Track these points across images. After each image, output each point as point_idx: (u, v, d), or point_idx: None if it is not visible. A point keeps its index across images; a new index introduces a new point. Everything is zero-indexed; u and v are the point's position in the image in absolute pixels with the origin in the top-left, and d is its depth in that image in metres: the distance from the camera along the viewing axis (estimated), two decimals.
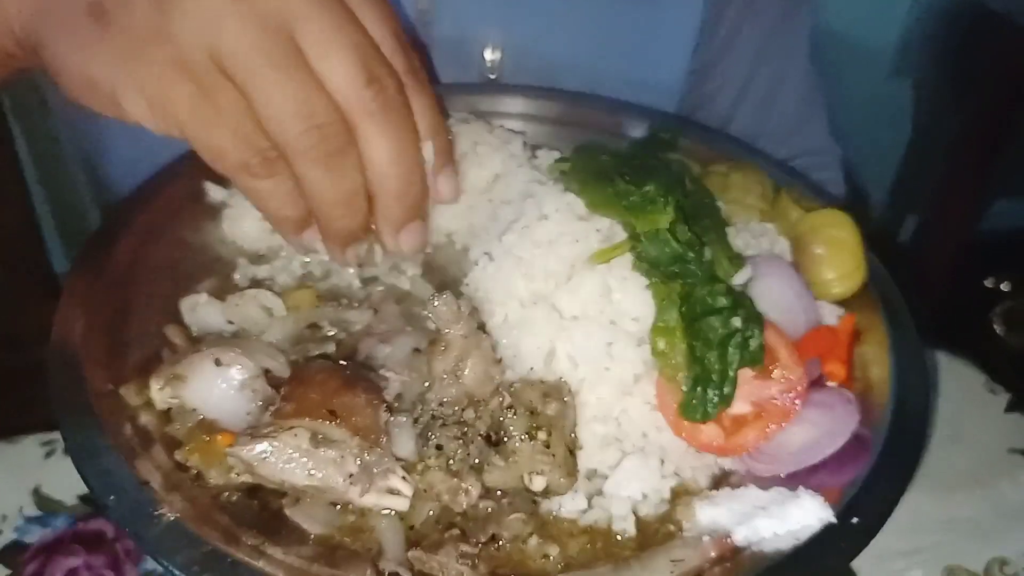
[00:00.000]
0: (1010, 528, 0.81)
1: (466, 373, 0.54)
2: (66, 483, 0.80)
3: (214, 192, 0.71)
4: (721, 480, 0.57)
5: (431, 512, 0.51)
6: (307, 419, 0.49)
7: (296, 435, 0.49)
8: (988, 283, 2.74)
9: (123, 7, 0.50)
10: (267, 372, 0.55)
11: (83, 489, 0.81)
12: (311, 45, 0.49)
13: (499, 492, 0.53)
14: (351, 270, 0.65)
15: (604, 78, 0.84)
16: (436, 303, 0.54)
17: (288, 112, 0.49)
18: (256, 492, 0.52)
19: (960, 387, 1.02)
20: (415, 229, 0.57)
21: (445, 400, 0.53)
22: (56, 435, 0.84)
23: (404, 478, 0.51)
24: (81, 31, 0.50)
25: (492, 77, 0.88)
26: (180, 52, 0.49)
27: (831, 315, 0.63)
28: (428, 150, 0.56)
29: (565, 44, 0.89)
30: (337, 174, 0.52)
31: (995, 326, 2.70)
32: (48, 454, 0.83)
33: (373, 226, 0.57)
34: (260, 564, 0.45)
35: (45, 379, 0.54)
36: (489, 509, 0.52)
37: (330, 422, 0.49)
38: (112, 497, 0.47)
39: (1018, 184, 3.06)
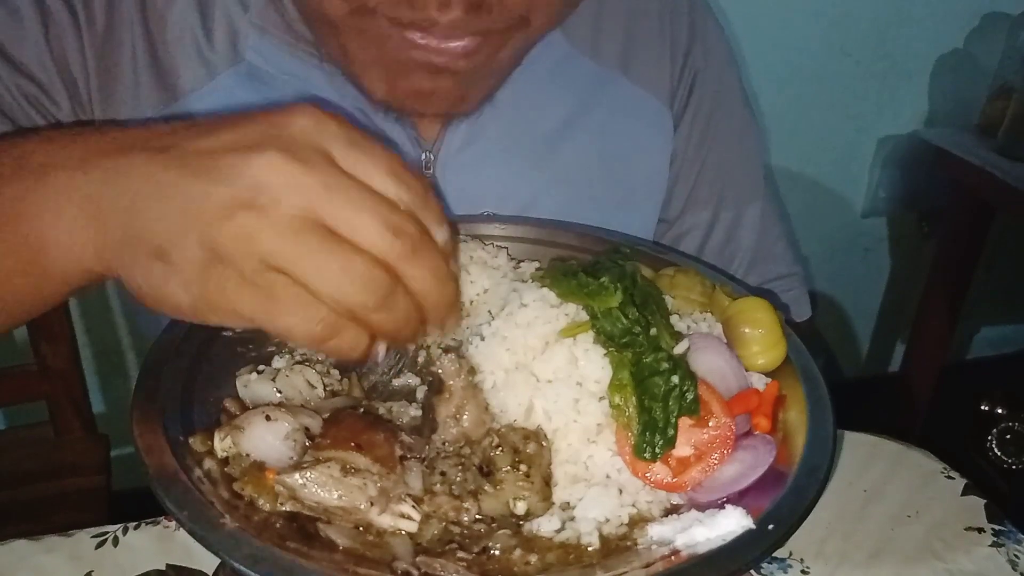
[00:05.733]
0: None
1: (465, 418, 0.68)
2: (115, 570, 0.91)
3: None
4: (671, 512, 0.69)
5: (435, 532, 0.64)
6: (338, 450, 0.63)
7: (329, 467, 0.63)
8: (984, 406, 2.83)
9: (178, 248, 0.59)
10: (306, 429, 0.69)
11: (131, 572, 0.92)
12: (339, 223, 0.58)
13: (490, 518, 0.66)
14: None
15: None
16: (444, 359, 0.70)
17: (337, 282, 0.58)
18: (295, 518, 0.65)
19: (918, 474, 1.12)
20: (455, 317, 0.68)
21: (447, 440, 0.67)
22: (106, 528, 0.97)
23: (413, 506, 0.65)
24: (152, 269, 0.60)
25: None
26: (235, 268, 0.58)
27: (759, 382, 0.77)
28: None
29: (553, 206, 1.06)
30: (392, 309, 0.61)
31: (994, 447, 2.77)
32: (99, 545, 0.95)
33: None
34: (303, 562, 0.58)
35: (82, 506, 0.66)
36: (481, 530, 0.65)
37: (356, 452, 0.63)
38: (185, 512, 0.60)
39: (1000, 311, 3.20)
